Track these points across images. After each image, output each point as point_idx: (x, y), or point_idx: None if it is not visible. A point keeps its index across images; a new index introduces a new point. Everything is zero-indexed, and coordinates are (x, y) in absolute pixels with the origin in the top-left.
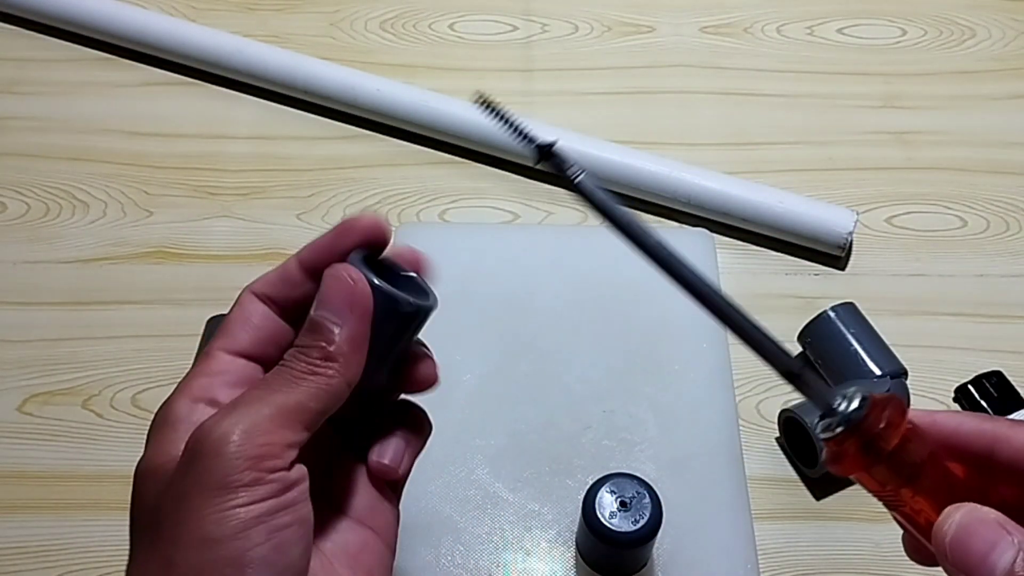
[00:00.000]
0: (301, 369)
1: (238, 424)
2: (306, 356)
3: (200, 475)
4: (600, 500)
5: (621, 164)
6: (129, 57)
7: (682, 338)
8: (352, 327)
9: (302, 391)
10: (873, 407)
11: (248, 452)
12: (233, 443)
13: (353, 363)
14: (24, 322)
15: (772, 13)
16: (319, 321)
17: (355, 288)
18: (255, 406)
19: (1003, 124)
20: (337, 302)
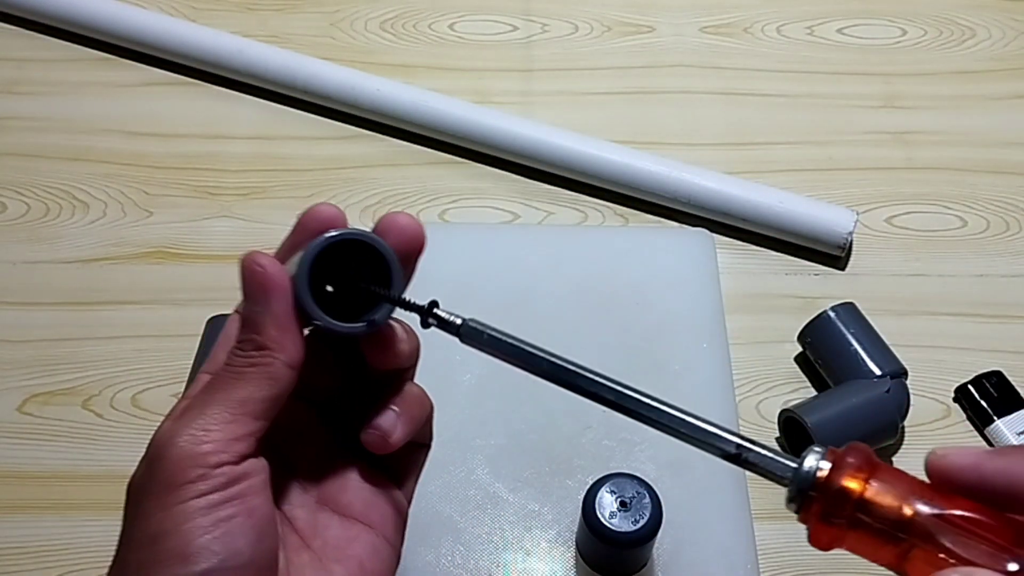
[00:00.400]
0: (240, 364)
1: (186, 426)
2: (242, 351)
3: (153, 477)
4: (600, 500)
5: (621, 164)
6: (129, 57)
7: (682, 338)
8: (272, 310)
9: (245, 384)
10: (834, 462)
11: (194, 451)
12: (179, 444)
13: (287, 344)
14: (24, 322)
15: (772, 13)
16: (245, 315)
17: (265, 272)
18: (201, 407)
19: (1003, 124)
20: (252, 291)
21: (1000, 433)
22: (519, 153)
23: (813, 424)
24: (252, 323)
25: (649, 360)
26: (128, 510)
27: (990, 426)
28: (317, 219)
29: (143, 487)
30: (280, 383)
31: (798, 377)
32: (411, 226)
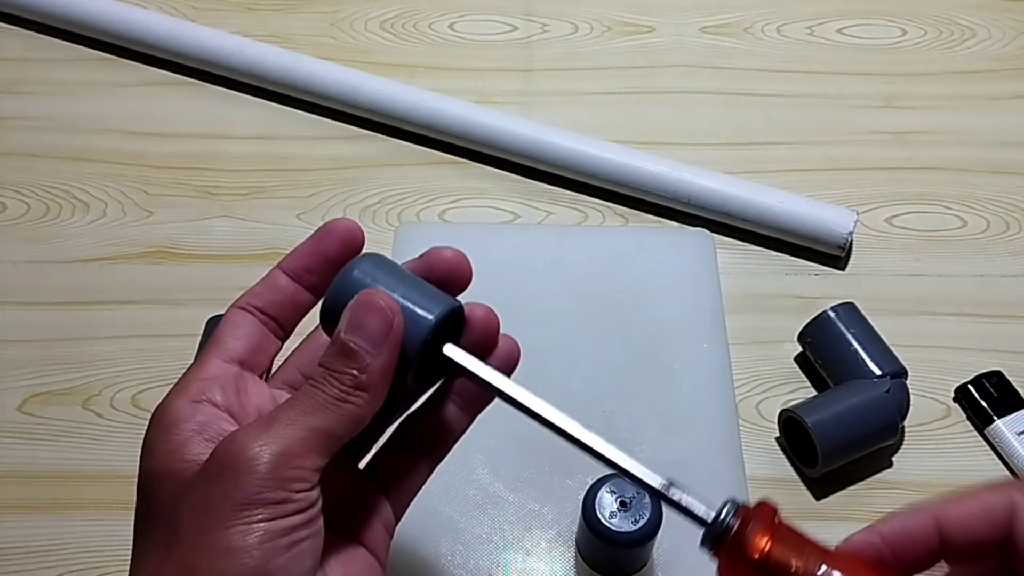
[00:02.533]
0: (332, 394)
1: (271, 445)
2: (338, 381)
3: (229, 489)
4: (600, 500)
5: (621, 164)
6: (129, 57)
7: (682, 338)
8: (386, 359)
9: (331, 417)
10: (742, 517)
11: (279, 473)
12: (265, 463)
13: (381, 394)
14: (24, 322)
15: (772, 13)
16: (352, 348)
17: (393, 321)
18: (288, 428)
19: (1003, 124)
20: (374, 332)
21: (1000, 433)
22: (519, 153)
23: (813, 424)
24: (357, 358)
25: (649, 360)
26: (185, 510)
27: (990, 426)
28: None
29: (209, 495)
30: (359, 428)
31: (798, 377)
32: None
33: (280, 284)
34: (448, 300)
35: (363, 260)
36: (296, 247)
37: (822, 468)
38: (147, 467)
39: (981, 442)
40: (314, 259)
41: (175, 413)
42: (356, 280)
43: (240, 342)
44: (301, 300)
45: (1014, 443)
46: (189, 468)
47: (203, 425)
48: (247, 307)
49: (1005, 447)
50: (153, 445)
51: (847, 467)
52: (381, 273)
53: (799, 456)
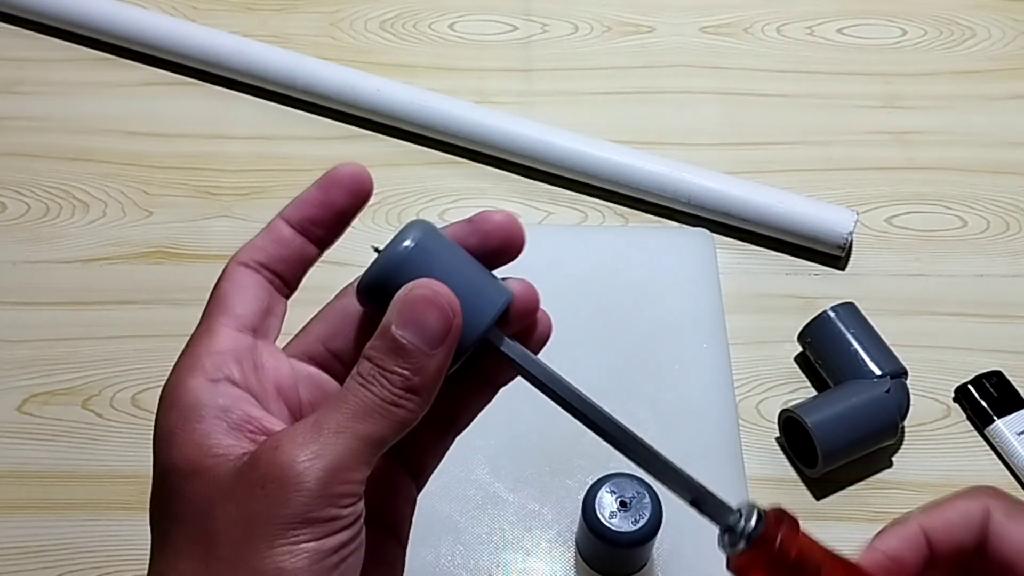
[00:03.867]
0: (383, 397)
1: (321, 458)
2: (389, 383)
3: (275, 505)
4: (600, 500)
5: (621, 164)
6: (129, 57)
7: (682, 338)
8: (441, 360)
9: (382, 424)
10: (769, 523)
11: (329, 490)
12: (315, 479)
13: (432, 398)
14: (24, 322)
15: (772, 13)
16: (405, 346)
17: (453, 322)
18: (338, 438)
19: (1003, 124)
20: (432, 331)
21: (1000, 433)
22: (519, 153)
23: (813, 424)
24: (412, 357)
25: (649, 360)
26: (223, 517)
27: (990, 426)
28: (355, 183)
29: (252, 509)
30: (405, 431)
31: (798, 377)
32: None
33: (285, 237)
34: (504, 291)
35: (414, 233)
36: (299, 196)
37: (822, 468)
38: (170, 458)
39: (981, 442)
40: (321, 210)
41: (193, 395)
42: (409, 261)
43: (250, 306)
44: (307, 254)
45: (1014, 443)
46: (221, 465)
47: (225, 409)
48: (251, 263)
49: (1005, 447)
50: (174, 433)
51: (847, 467)
52: (436, 254)
53: (799, 456)
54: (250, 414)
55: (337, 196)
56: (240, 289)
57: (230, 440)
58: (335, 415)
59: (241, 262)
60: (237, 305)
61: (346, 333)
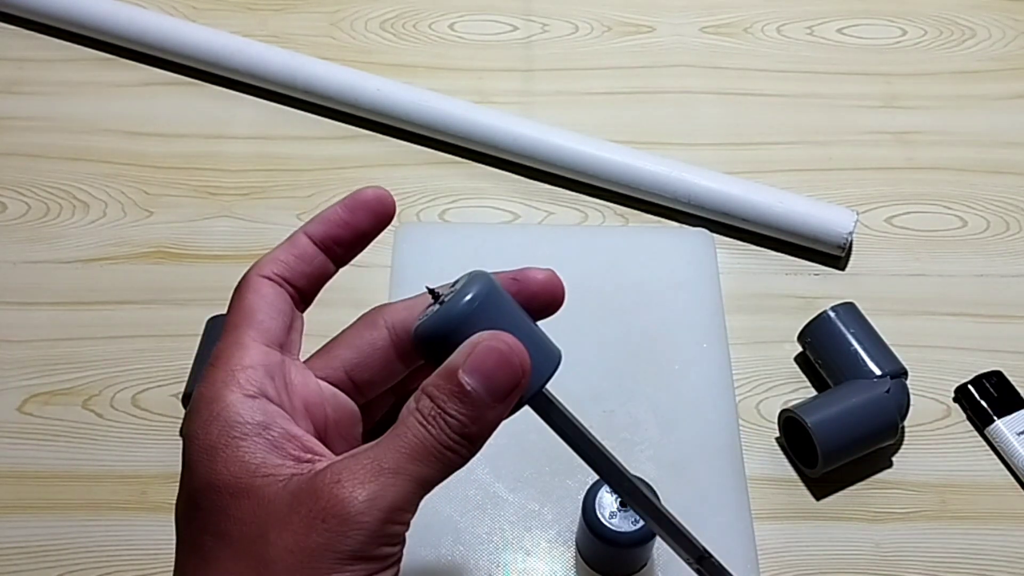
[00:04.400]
0: (439, 440)
1: (381, 499)
2: (447, 425)
3: (334, 540)
4: (600, 500)
5: (621, 164)
6: (129, 57)
7: (682, 338)
8: (500, 414)
9: (437, 467)
10: None
11: (385, 530)
12: (374, 519)
13: (480, 448)
14: (24, 322)
15: (772, 13)
16: (471, 393)
17: (523, 380)
18: (397, 479)
19: (1003, 124)
20: (500, 384)
21: (1000, 433)
22: (519, 153)
23: (813, 424)
24: (473, 407)
25: (649, 360)
26: (278, 544)
27: (990, 426)
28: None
29: (311, 540)
30: (450, 475)
31: (798, 377)
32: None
33: (308, 252)
34: (556, 350)
35: (478, 286)
36: (323, 213)
37: (822, 468)
38: (214, 473)
39: (981, 442)
40: (344, 231)
41: (233, 410)
42: (474, 316)
43: (276, 321)
44: (327, 271)
45: (1014, 443)
46: (270, 486)
47: (265, 426)
48: (274, 277)
49: (1005, 447)
50: (216, 449)
51: (847, 467)
52: (500, 307)
53: (799, 456)
54: (291, 432)
55: (362, 218)
56: (266, 303)
57: (275, 459)
58: (393, 454)
59: (264, 275)
60: (264, 319)
61: (372, 366)
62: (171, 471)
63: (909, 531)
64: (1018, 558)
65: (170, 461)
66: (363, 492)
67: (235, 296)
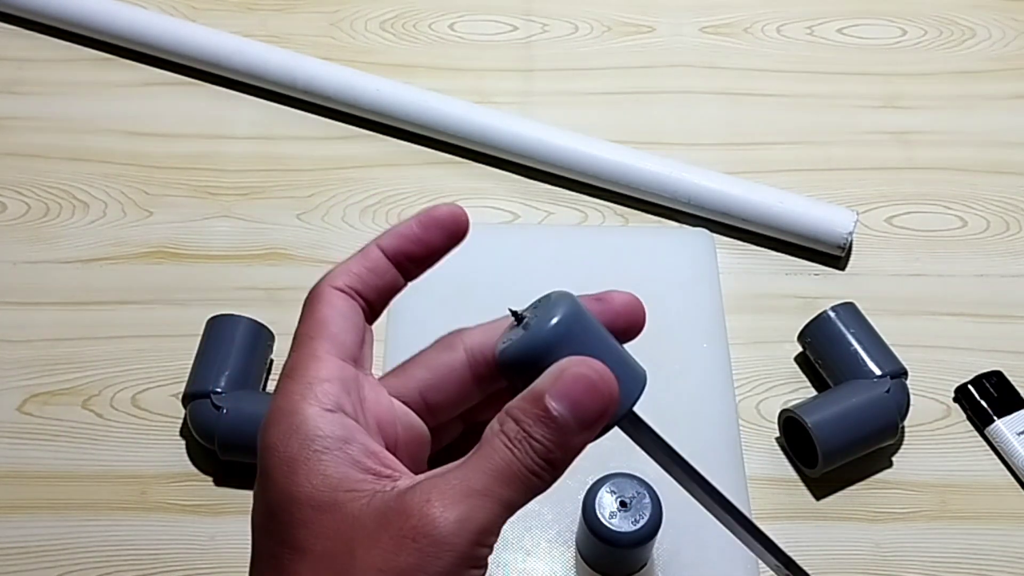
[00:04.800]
0: (524, 463)
1: (471, 522)
2: (532, 450)
3: (426, 559)
4: (600, 500)
5: (621, 164)
6: (129, 57)
7: (682, 338)
8: (585, 441)
9: (522, 491)
10: None
11: (474, 552)
12: (465, 542)
13: (562, 474)
14: (24, 322)
15: (772, 13)
16: (558, 418)
17: (610, 409)
18: (486, 501)
19: (1003, 124)
20: (588, 412)
21: (1000, 433)
22: (519, 153)
23: (813, 424)
24: (561, 431)
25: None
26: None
27: (990, 426)
28: (453, 223)
29: (402, 561)
30: (533, 499)
31: (798, 377)
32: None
33: (381, 266)
34: (642, 373)
35: (564, 309)
36: (396, 227)
37: (822, 468)
38: (296, 489)
39: (981, 442)
40: (417, 247)
41: (313, 423)
42: (561, 341)
43: (350, 335)
44: (396, 286)
45: (1014, 443)
46: (355, 501)
47: (345, 441)
48: (346, 289)
49: (1005, 447)
50: (297, 462)
51: (847, 467)
52: (586, 331)
53: (799, 456)
54: (369, 447)
55: (435, 236)
56: (339, 315)
57: (356, 474)
58: (481, 475)
59: (336, 287)
60: (339, 332)
61: (447, 388)
62: (171, 471)
63: (909, 531)
64: (1018, 558)
65: (170, 461)
66: (454, 513)
67: (307, 307)
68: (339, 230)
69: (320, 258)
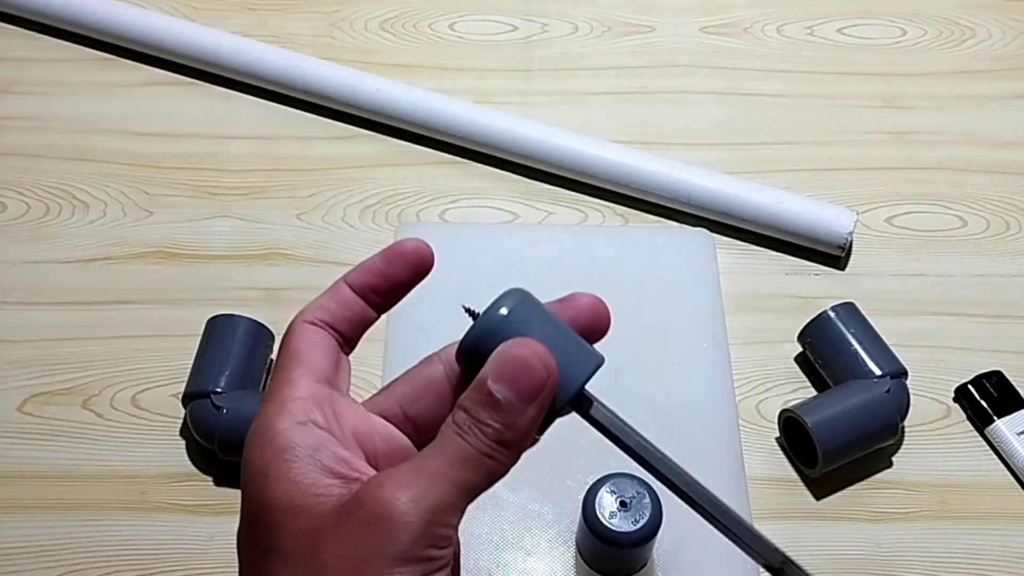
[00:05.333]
0: (477, 447)
1: (423, 501)
2: (483, 433)
3: (382, 542)
4: (600, 500)
5: (621, 164)
6: (129, 57)
7: (682, 338)
8: (533, 416)
9: (476, 473)
10: None
11: (430, 531)
12: (418, 520)
13: (521, 452)
14: (24, 322)
15: (772, 13)
16: (501, 400)
17: (549, 381)
18: (438, 482)
19: (1003, 124)
20: (526, 386)
21: (1000, 433)
22: (519, 153)
23: (813, 424)
24: (506, 411)
25: (649, 360)
26: (328, 552)
27: (990, 426)
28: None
29: (360, 545)
30: (495, 482)
31: (798, 377)
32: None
33: (348, 299)
34: (595, 356)
35: (511, 299)
36: (363, 263)
37: (822, 468)
38: (268, 496)
39: (981, 442)
40: (382, 280)
41: (285, 436)
42: (506, 324)
43: (322, 360)
44: (367, 317)
45: (1014, 443)
46: (323, 504)
47: (315, 449)
48: (317, 322)
49: (1005, 447)
50: (269, 472)
51: (847, 467)
52: (531, 317)
53: (799, 456)
54: (339, 454)
55: (399, 270)
56: (312, 345)
57: (326, 479)
58: (434, 460)
59: (308, 321)
60: (311, 359)
61: (426, 399)
62: (170, 471)
63: (909, 531)
64: (1018, 558)
65: (170, 461)
66: (406, 494)
67: (283, 342)
68: (339, 230)
69: (320, 258)
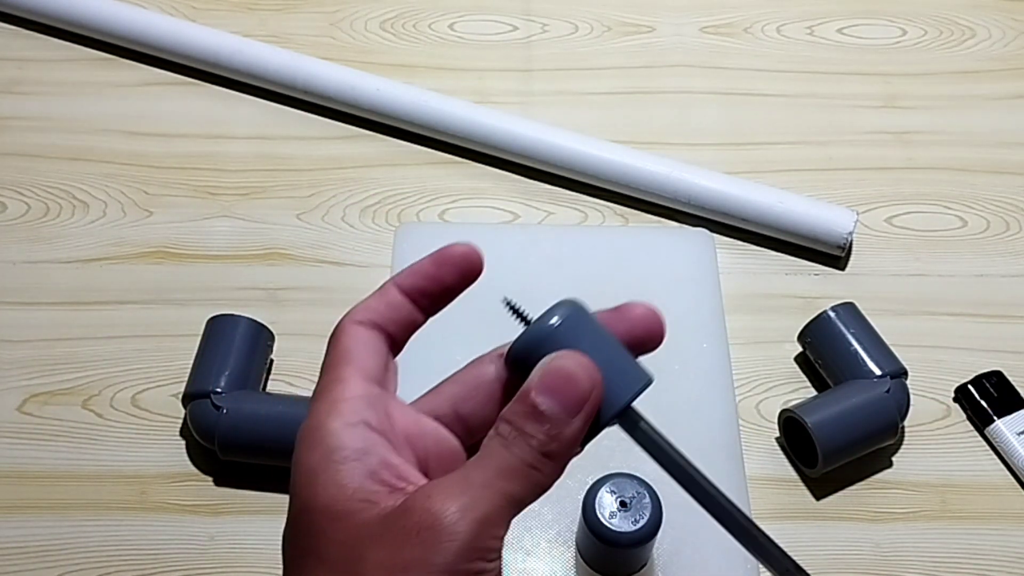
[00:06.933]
0: (522, 459)
1: (472, 511)
2: (528, 444)
3: (428, 553)
4: (600, 500)
5: (621, 164)
6: (129, 57)
7: (682, 338)
8: (578, 429)
9: (523, 484)
10: None
11: (478, 543)
12: (466, 531)
13: (565, 464)
14: (24, 322)
15: (772, 13)
16: (544, 412)
17: (592, 393)
18: (486, 492)
19: (1003, 124)
20: (570, 399)
21: (1000, 433)
22: (519, 153)
23: (813, 424)
24: (551, 422)
25: (649, 360)
26: (373, 561)
27: (990, 426)
28: (465, 262)
29: (405, 556)
30: (542, 495)
31: (798, 377)
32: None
33: (397, 301)
34: (644, 375)
35: (563, 309)
36: (413, 265)
37: (822, 468)
38: (313, 498)
39: (981, 442)
40: (430, 284)
41: (334, 437)
42: (557, 334)
43: (372, 360)
44: (415, 319)
45: (1014, 443)
46: (367, 510)
47: (364, 452)
48: (366, 323)
49: (1005, 447)
50: (316, 474)
51: (847, 467)
52: (581, 329)
53: (799, 456)
54: (388, 460)
55: (448, 274)
56: (362, 345)
57: (371, 485)
58: (481, 471)
59: (357, 321)
60: (361, 359)
61: (477, 398)
62: (171, 471)
63: (909, 531)
64: (1018, 558)
65: (170, 461)
66: (455, 504)
67: (331, 342)
68: (339, 230)
69: (320, 258)
